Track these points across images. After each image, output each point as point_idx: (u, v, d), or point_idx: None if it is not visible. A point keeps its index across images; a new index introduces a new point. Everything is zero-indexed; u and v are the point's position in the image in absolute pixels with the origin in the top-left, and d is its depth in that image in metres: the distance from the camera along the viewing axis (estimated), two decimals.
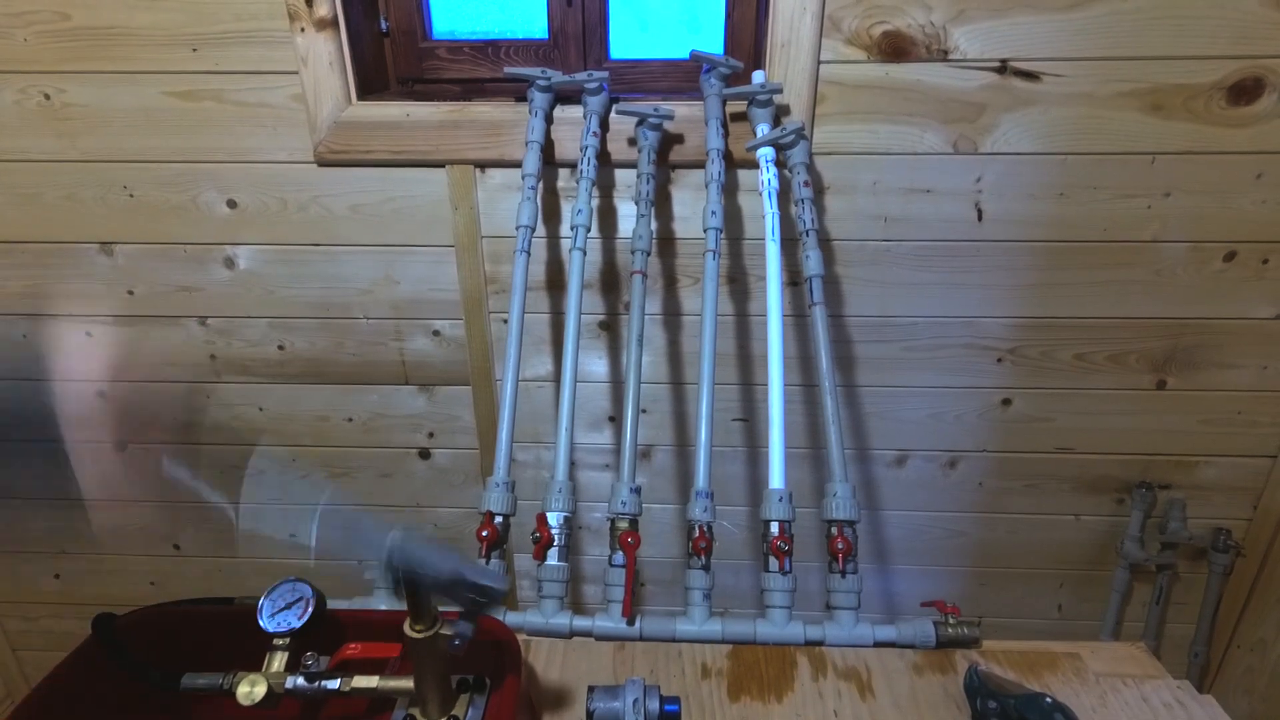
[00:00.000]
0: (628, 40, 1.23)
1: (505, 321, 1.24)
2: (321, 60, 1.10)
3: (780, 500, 0.93)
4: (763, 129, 1.08)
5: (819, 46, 1.06)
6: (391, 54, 1.24)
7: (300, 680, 0.66)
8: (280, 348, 1.32)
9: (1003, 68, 1.06)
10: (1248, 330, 1.21)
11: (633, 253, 1.06)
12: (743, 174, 1.15)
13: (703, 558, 0.92)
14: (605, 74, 1.09)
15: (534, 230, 1.08)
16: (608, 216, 1.20)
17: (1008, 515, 1.39)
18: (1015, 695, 0.73)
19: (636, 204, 1.09)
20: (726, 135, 1.09)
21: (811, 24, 1.04)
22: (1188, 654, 1.44)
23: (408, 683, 0.65)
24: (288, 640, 0.69)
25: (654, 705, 0.70)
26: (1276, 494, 1.30)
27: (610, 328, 1.28)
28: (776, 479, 0.95)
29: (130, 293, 1.28)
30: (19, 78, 1.14)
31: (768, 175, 1.07)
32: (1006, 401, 1.29)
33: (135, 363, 1.34)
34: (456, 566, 0.58)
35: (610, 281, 1.24)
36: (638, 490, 0.96)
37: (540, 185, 1.11)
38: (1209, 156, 1.10)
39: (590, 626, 0.91)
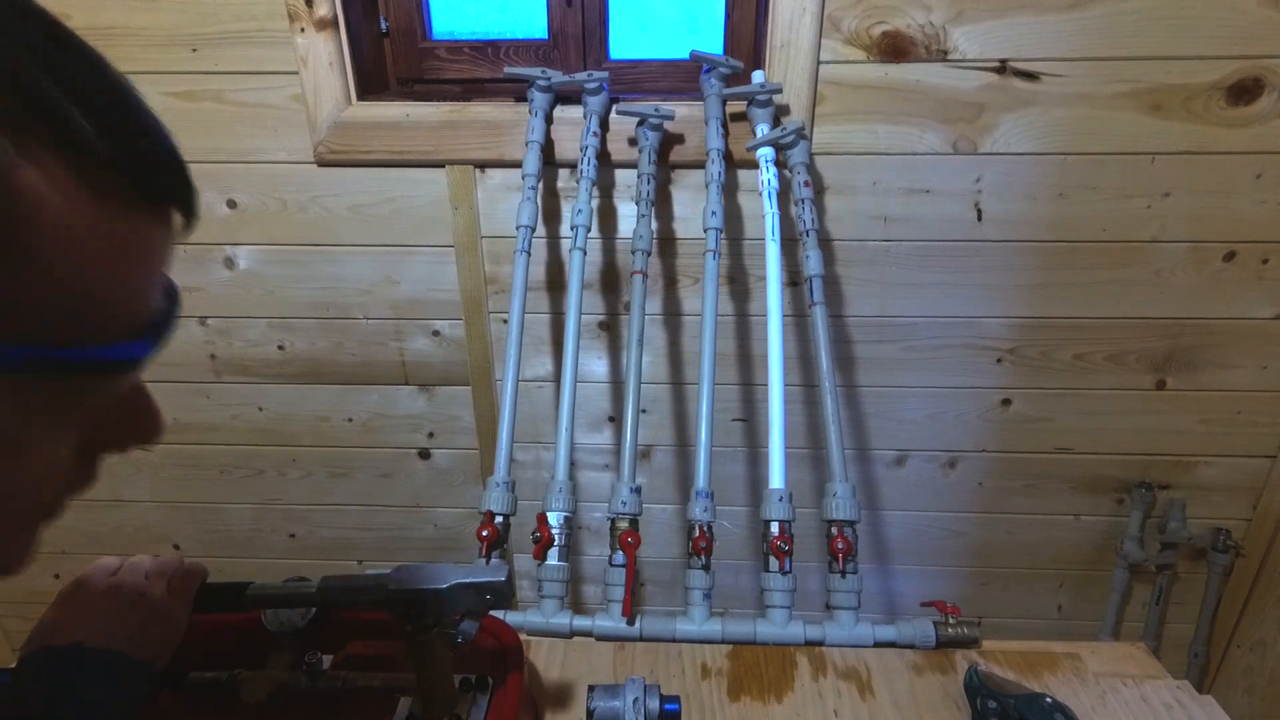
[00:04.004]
0: (628, 40, 1.23)
1: (505, 321, 1.24)
2: (321, 60, 1.10)
3: (780, 500, 0.93)
4: (763, 129, 1.08)
5: (818, 47, 1.06)
6: (391, 54, 1.24)
7: (303, 679, 0.66)
8: (280, 348, 1.32)
9: (1002, 68, 1.06)
10: (1247, 330, 1.21)
11: (633, 253, 1.06)
12: (743, 174, 1.15)
13: (703, 558, 0.92)
14: (605, 74, 1.09)
15: (534, 230, 1.08)
16: (608, 216, 1.20)
17: (1007, 515, 1.39)
18: (1015, 695, 0.73)
19: (637, 204, 1.09)
20: (726, 135, 1.09)
21: (811, 24, 1.04)
22: (1187, 654, 1.45)
23: (411, 682, 0.65)
24: (291, 639, 0.69)
25: (654, 704, 0.70)
26: (1276, 494, 1.31)
27: (610, 328, 1.28)
28: (776, 479, 0.95)
29: None
30: None
31: (768, 175, 1.07)
32: (1006, 401, 1.29)
33: None
34: (452, 576, 0.58)
35: (610, 281, 1.24)
36: (638, 490, 0.96)
37: (540, 185, 1.11)
38: (1208, 156, 1.10)
39: (590, 626, 0.91)
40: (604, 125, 1.12)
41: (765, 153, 1.08)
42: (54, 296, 0.25)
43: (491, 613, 0.65)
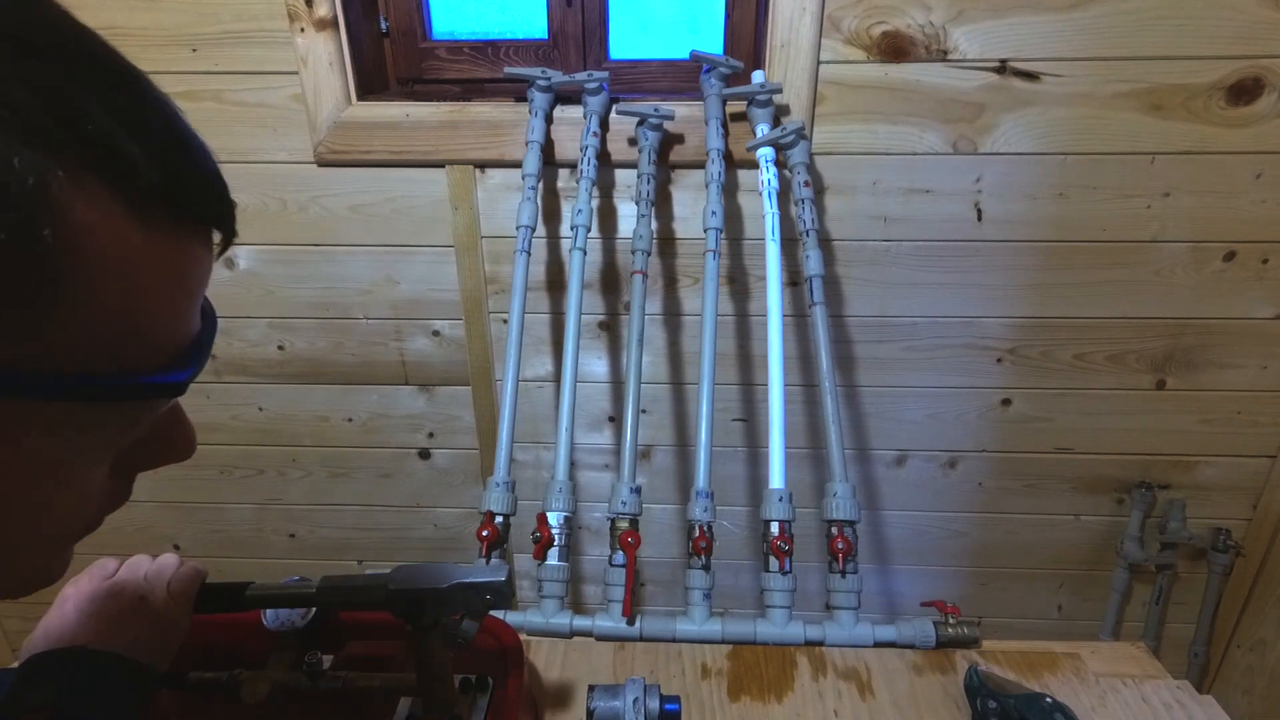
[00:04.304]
0: (627, 40, 1.23)
1: (505, 321, 1.24)
2: (321, 60, 1.10)
3: (780, 500, 0.93)
4: (763, 129, 1.08)
5: (818, 47, 1.06)
6: (391, 54, 1.24)
7: (303, 679, 0.66)
8: (280, 348, 1.32)
9: (1002, 68, 1.06)
10: (1247, 330, 1.21)
11: (633, 253, 1.06)
12: (743, 174, 1.15)
13: (703, 558, 0.92)
14: (605, 74, 1.09)
15: (534, 230, 1.08)
16: (608, 216, 1.20)
17: (1008, 515, 1.39)
18: (1015, 695, 0.73)
19: (637, 204, 1.09)
20: (726, 135, 1.09)
21: (811, 24, 1.04)
22: (1187, 654, 1.45)
23: (411, 682, 0.65)
24: (291, 639, 0.69)
25: (654, 704, 0.70)
26: (1276, 494, 1.31)
27: (610, 328, 1.28)
28: (776, 479, 0.95)
29: None
30: None
31: (768, 175, 1.07)
32: (1006, 401, 1.29)
33: None
34: (453, 575, 0.58)
35: (610, 281, 1.24)
36: (638, 490, 0.96)
37: (540, 185, 1.11)
38: (1208, 156, 1.10)
39: (590, 626, 0.91)
40: (604, 125, 1.12)
41: (765, 153, 1.08)
42: (104, 325, 0.26)
43: (491, 613, 0.65)
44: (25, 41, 0.24)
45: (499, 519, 0.96)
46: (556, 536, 0.94)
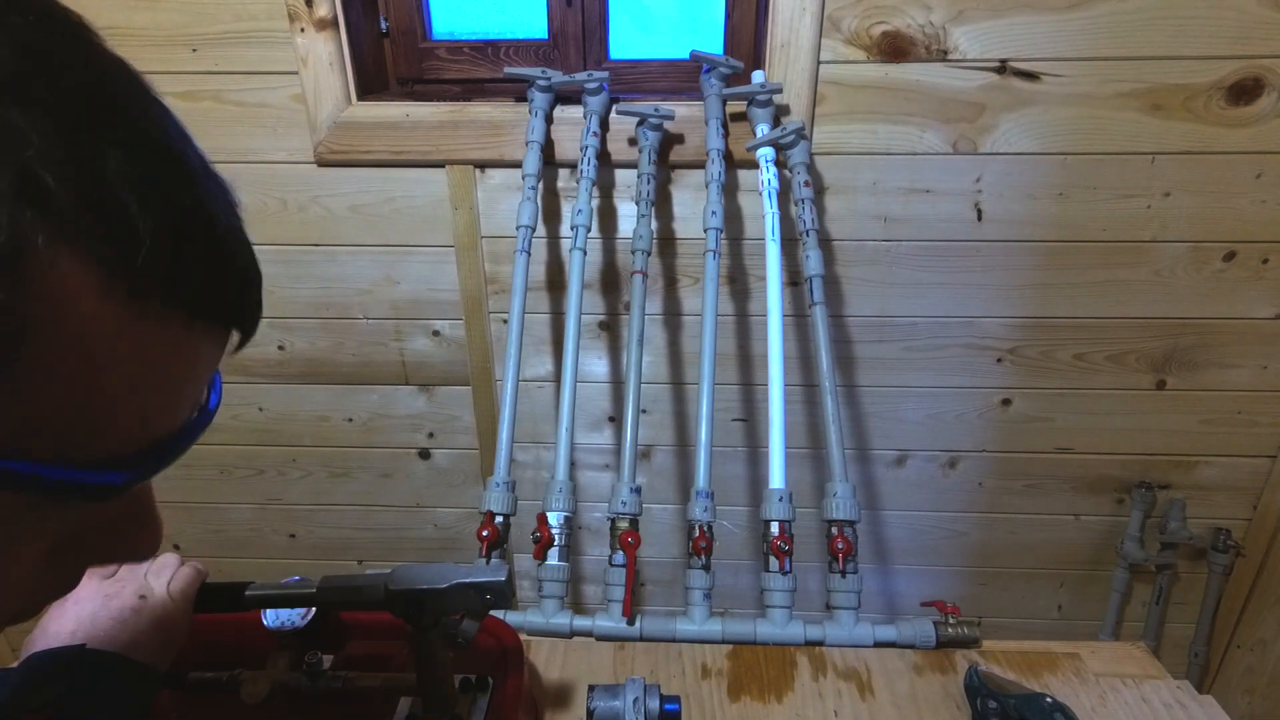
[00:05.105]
0: (627, 40, 1.23)
1: (505, 321, 1.24)
2: (321, 60, 1.10)
3: (780, 500, 0.93)
4: (763, 129, 1.08)
5: (818, 47, 1.06)
6: (391, 54, 1.24)
7: (303, 679, 0.66)
8: (280, 348, 1.32)
9: (1002, 68, 1.06)
10: (1247, 330, 1.21)
11: (633, 253, 1.06)
12: (743, 174, 1.15)
13: (703, 558, 0.92)
14: (605, 74, 1.09)
15: (534, 230, 1.08)
16: (608, 216, 1.20)
17: (1008, 515, 1.39)
18: (1015, 695, 0.73)
19: (637, 204, 1.09)
20: (726, 135, 1.09)
21: (811, 24, 1.04)
22: (1188, 654, 1.45)
23: (411, 682, 0.65)
24: (291, 639, 0.69)
25: (654, 704, 0.70)
26: (1276, 494, 1.31)
27: (610, 328, 1.28)
28: (777, 479, 0.95)
29: None
30: None
31: (768, 175, 1.07)
32: (1006, 401, 1.29)
33: None
34: (453, 575, 0.58)
35: (610, 281, 1.24)
36: (638, 490, 0.96)
37: (540, 185, 1.11)
38: (1208, 156, 1.10)
39: (590, 626, 0.91)
40: (604, 125, 1.12)
41: (765, 153, 1.08)
42: (51, 407, 0.22)
43: (491, 613, 0.65)
44: (46, 75, 0.21)
45: (499, 519, 0.96)
46: (556, 536, 0.94)
